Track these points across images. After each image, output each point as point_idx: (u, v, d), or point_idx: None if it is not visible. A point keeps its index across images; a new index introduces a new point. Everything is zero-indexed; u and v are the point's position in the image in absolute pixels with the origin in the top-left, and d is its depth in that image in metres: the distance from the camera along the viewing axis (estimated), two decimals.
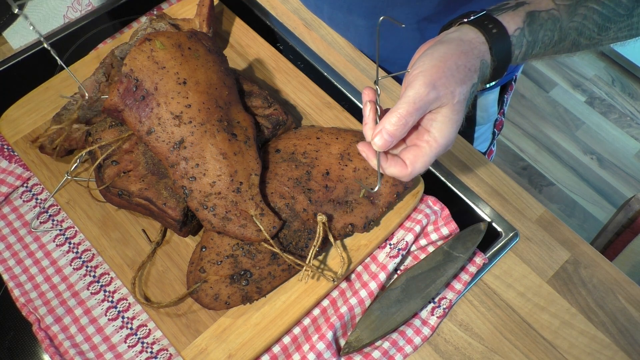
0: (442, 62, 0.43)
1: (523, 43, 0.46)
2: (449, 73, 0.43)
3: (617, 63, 1.88)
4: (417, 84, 0.42)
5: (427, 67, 0.43)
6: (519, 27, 0.46)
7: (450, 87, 0.43)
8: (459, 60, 0.44)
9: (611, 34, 0.49)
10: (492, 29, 0.45)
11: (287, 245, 0.53)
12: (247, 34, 0.72)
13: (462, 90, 0.44)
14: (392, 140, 0.43)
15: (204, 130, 0.52)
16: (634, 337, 0.55)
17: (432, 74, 0.43)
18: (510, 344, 0.54)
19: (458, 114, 0.44)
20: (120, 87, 0.51)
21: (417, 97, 0.42)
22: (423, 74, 0.43)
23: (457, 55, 0.44)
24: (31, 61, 0.73)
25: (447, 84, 0.43)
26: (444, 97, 0.43)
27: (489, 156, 0.92)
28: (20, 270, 0.57)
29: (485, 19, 0.46)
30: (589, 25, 0.48)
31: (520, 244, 0.60)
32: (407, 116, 0.42)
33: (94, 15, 0.78)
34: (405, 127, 0.43)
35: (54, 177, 0.60)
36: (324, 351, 0.52)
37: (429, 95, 0.42)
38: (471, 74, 0.44)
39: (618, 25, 0.49)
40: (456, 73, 0.43)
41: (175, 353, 0.53)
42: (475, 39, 0.45)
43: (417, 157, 0.45)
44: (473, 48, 0.45)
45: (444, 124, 0.44)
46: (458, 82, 0.43)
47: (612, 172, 1.69)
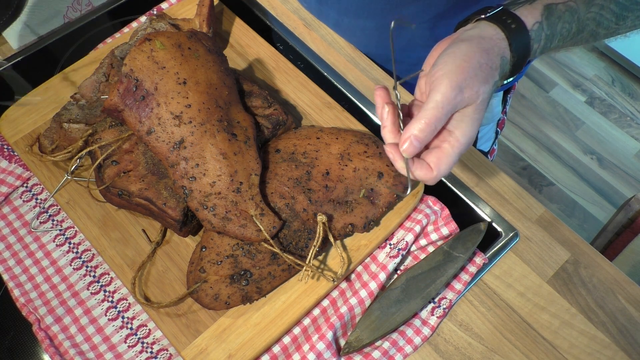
0: (465, 62, 0.42)
1: (542, 37, 0.46)
2: (472, 73, 0.42)
3: (617, 63, 1.88)
4: (444, 87, 0.42)
5: (451, 67, 0.42)
6: (537, 21, 0.45)
7: (475, 87, 0.42)
8: (482, 59, 0.43)
9: (629, 23, 0.49)
10: (510, 24, 0.44)
11: (287, 245, 0.53)
12: (247, 34, 0.72)
13: (486, 89, 0.43)
14: (421, 146, 0.43)
15: (204, 130, 0.52)
16: (634, 337, 0.55)
17: (458, 75, 0.42)
18: (510, 344, 0.54)
19: (480, 112, 0.44)
20: (120, 87, 0.51)
21: (445, 100, 0.41)
22: (448, 76, 0.42)
23: (479, 54, 0.43)
24: (31, 61, 0.73)
25: (472, 84, 0.42)
26: (469, 98, 0.42)
27: (491, 155, 0.93)
28: (20, 270, 0.57)
29: (503, 14, 0.45)
30: (606, 15, 0.47)
31: (520, 244, 0.60)
32: (435, 122, 0.42)
33: (94, 15, 0.78)
34: (434, 132, 0.42)
35: (54, 177, 0.60)
36: (324, 351, 0.52)
37: (456, 99, 0.42)
38: (493, 72, 0.44)
39: (636, 13, 0.48)
40: (479, 72, 0.42)
41: (175, 353, 0.53)
42: (495, 35, 0.44)
43: (440, 159, 0.44)
44: (494, 45, 0.44)
45: (467, 124, 0.43)
46: (482, 81, 0.43)
47: (612, 172, 1.69)
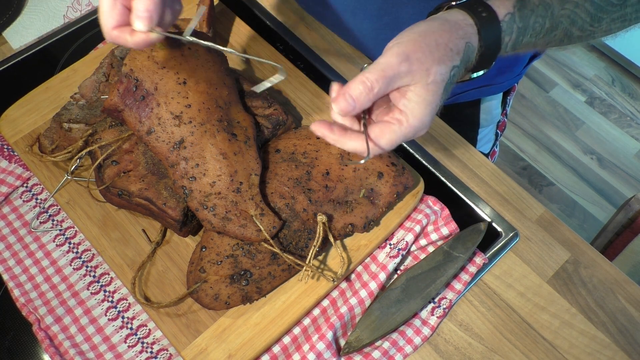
0: (420, 37, 0.41)
1: (513, 29, 0.45)
2: (426, 49, 0.40)
3: (617, 63, 1.88)
4: (389, 53, 0.40)
5: (404, 40, 0.41)
6: (509, 12, 0.44)
7: (426, 64, 0.40)
8: (440, 39, 0.41)
9: (604, 25, 0.48)
10: (481, 12, 0.43)
11: (287, 245, 0.53)
12: (247, 34, 0.72)
13: (439, 69, 0.41)
14: (355, 105, 0.40)
15: (204, 130, 0.52)
16: (634, 337, 0.55)
17: (408, 46, 0.40)
18: (510, 344, 0.54)
19: (433, 95, 0.41)
20: (120, 87, 0.51)
21: (387, 65, 0.40)
22: (398, 45, 0.41)
23: (438, 33, 0.41)
24: (31, 61, 0.73)
25: (422, 59, 0.40)
26: (417, 74, 0.40)
27: (492, 157, 0.92)
28: (20, 270, 0.57)
29: (475, 2, 0.44)
30: (581, 14, 0.47)
31: (520, 244, 0.60)
32: (373, 82, 0.39)
33: (94, 15, 0.78)
34: (370, 93, 0.40)
35: (54, 177, 0.60)
36: (324, 351, 0.52)
37: (401, 67, 0.40)
38: (452, 55, 0.42)
39: (611, 15, 0.48)
40: (435, 50, 0.41)
41: (175, 353, 0.53)
42: (462, 20, 0.43)
43: (383, 132, 0.41)
44: (458, 28, 0.42)
45: (417, 104, 0.41)
46: (435, 60, 0.41)
47: (612, 172, 1.69)
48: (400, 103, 0.42)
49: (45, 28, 0.77)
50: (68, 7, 0.78)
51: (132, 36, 0.42)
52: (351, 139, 0.42)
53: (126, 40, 0.43)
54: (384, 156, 0.57)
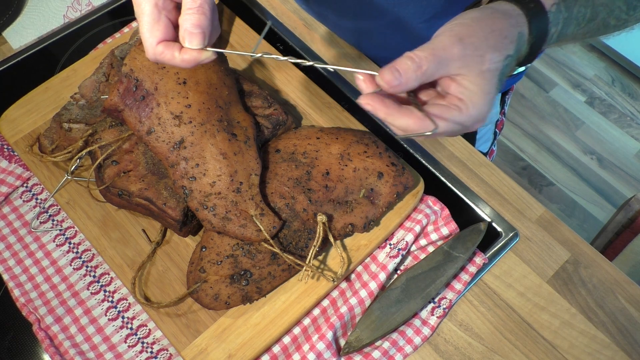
0: (474, 22, 0.38)
1: (559, 19, 0.42)
2: (481, 34, 0.37)
3: (617, 63, 1.88)
4: (442, 36, 0.37)
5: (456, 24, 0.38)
6: (555, 2, 0.42)
7: (480, 49, 0.37)
8: (494, 25, 0.38)
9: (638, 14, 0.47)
10: (528, 2, 0.41)
11: (287, 245, 0.53)
12: (247, 34, 0.72)
13: (494, 57, 0.38)
14: (401, 79, 0.36)
15: (204, 130, 0.52)
16: (634, 337, 0.55)
17: (461, 30, 0.37)
18: (510, 344, 0.54)
19: (489, 84, 0.38)
20: (120, 87, 0.51)
21: (439, 45, 0.37)
22: (450, 29, 0.38)
23: (492, 20, 0.38)
24: (31, 61, 0.73)
25: (477, 44, 0.37)
26: (471, 59, 0.37)
27: (490, 156, 0.92)
28: (20, 270, 0.57)
29: None
30: (618, 3, 0.45)
31: (520, 244, 0.60)
32: (422, 59, 0.36)
33: (94, 15, 0.78)
34: (418, 70, 0.36)
35: (54, 177, 0.60)
36: (324, 351, 0.52)
37: (453, 49, 0.36)
38: (507, 43, 0.39)
39: None
40: (490, 37, 0.38)
41: (175, 353, 0.53)
42: (512, 10, 0.40)
43: (442, 114, 0.37)
44: (510, 17, 0.40)
45: (475, 93, 0.38)
46: (490, 46, 0.38)
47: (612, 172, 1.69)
48: (455, 90, 0.38)
49: (45, 28, 0.77)
50: (68, 7, 0.78)
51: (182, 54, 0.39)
52: (405, 115, 0.37)
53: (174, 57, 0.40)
54: (384, 156, 0.57)
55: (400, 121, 0.37)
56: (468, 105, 0.38)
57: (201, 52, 0.39)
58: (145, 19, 0.39)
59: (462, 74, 0.38)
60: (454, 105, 0.38)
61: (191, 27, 0.39)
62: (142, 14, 0.40)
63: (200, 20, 0.39)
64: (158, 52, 0.40)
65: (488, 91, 0.38)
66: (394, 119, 0.38)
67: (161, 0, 0.40)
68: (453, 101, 0.38)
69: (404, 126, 0.38)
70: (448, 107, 0.38)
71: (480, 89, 0.38)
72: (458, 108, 0.38)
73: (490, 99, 0.39)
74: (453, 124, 0.38)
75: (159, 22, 0.40)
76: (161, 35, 0.40)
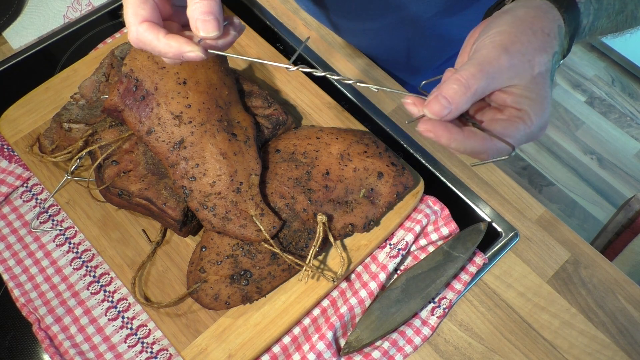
0: (512, 28, 0.36)
1: (590, 11, 0.40)
2: (524, 39, 0.35)
3: (617, 63, 1.88)
4: (484, 49, 0.35)
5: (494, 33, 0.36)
6: None
7: (528, 54, 0.35)
8: (534, 25, 0.36)
9: None
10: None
11: (287, 245, 0.53)
12: (247, 34, 0.72)
13: (543, 59, 0.36)
14: (450, 107, 0.34)
15: (204, 130, 0.52)
16: (634, 337, 0.55)
17: (503, 38, 0.35)
18: (510, 344, 0.54)
19: (544, 87, 0.36)
20: (120, 87, 0.51)
21: (485, 59, 0.34)
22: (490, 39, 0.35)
23: (529, 21, 0.36)
24: (31, 61, 0.73)
25: (523, 50, 0.35)
26: (521, 67, 0.35)
27: None
28: (20, 270, 0.57)
29: None
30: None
31: (520, 244, 0.60)
32: (470, 79, 0.34)
33: (94, 15, 0.78)
34: (468, 92, 0.34)
35: (54, 177, 0.60)
36: (324, 351, 0.52)
37: (501, 60, 0.34)
38: (551, 40, 0.36)
39: None
40: (533, 39, 0.36)
41: (175, 353, 0.53)
42: (544, 4, 0.38)
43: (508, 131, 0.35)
44: (546, 12, 0.37)
45: (534, 101, 0.36)
46: (537, 49, 0.36)
47: (612, 172, 1.69)
48: (512, 102, 0.36)
49: (45, 28, 0.77)
50: (68, 7, 0.78)
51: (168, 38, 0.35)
52: (469, 138, 0.35)
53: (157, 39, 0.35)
54: (384, 156, 0.57)
55: (466, 145, 0.35)
56: (530, 114, 0.36)
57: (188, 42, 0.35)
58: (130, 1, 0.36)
59: (514, 84, 0.36)
60: (515, 117, 0.36)
61: (202, 14, 0.35)
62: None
63: (210, 7, 0.35)
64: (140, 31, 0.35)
65: (545, 95, 0.36)
66: (459, 144, 0.35)
67: None
68: (513, 113, 0.36)
69: (470, 149, 0.36)
70: (511, 122, 0.36)
71: (537, 95, 0.36)
72: (522, 120, 0.36)
73: (549, 102, 0.37)
74: (520, 137, 0.36)
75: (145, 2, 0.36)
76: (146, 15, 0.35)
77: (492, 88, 0.35)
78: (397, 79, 0.75)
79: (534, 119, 0.36)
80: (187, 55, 0.36)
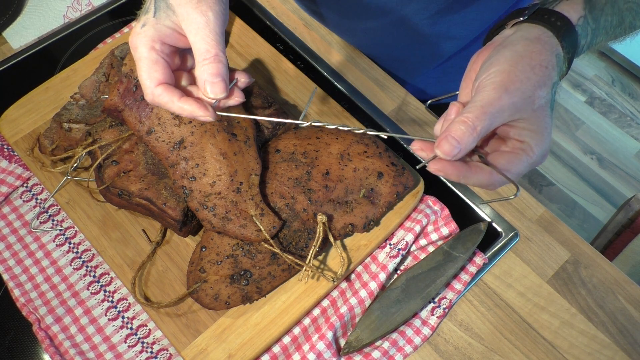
0: (512, 66, 0.38)
1: (588, 32, 0.42)
2: (523, 77, 0.38)
3: (617, 63, 1.88)
4: (485, 90, 0.37)
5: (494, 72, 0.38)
6: (581, 15, 0.41)
7: (527, 92, 0.37)
8: (532, 61, 0.38)
9: None
10: (555, 22, 0.40)
11: (287, 245, 0.53)
12: (247, 34, 0.72)
13: (542, 93, 0.38)
14: (459, 146, 0.36)
15: (203, 130, 0.52)
16: (634, 337, 0.55)
17: (503, 78, 0.37)
18: (510, 344, 0.54)
19: (544, 120, 0.39)
20: (120, 87, 0.51)
21: (486, 101, 0.37)
22: (490, 79, 0.38)
23: (528, 57, 0.38)
24: (31, 61, 0.73)
25: (522, 89, 0.37)
26: (521, 104, 0.37)
27: None
28: (20, 270, 0.57)
29: (544, 12, 0.41)
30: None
31: (520, 244, 0.60)
32: (475, 120, 0.36)
33: (94, 15, 0.78)
34: (474, 132, 0.36)
35: (54, 177, 0.60)
36: (324, 351, 0.52)
37: (502, 100, 0.37)
38: (549, 73, 0.39)
39: None
40: (532, 75, 0.38)
41: (175, 353, 0.53)
42: (542, 35, 0.40)
43: (511, 163, 0.39)
44: (544, 44, 0.39)
45: (535, 132, 0.38)
46: (535, 85, 0.38)
47: (612, 172, 1.69)
48: (515, 134, 0.39)
49: (45, 28, 0.77)
50: (68, 7, 0.78)
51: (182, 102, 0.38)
52: (476, 173, 0.39)
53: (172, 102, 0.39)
54: (384, 156, 0.57)
55: (474, 179, 0.39)
56: (532, 145, 0.39)
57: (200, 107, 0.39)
58: (143, 62, 0.39)
59: (516, 119, 0.38)
60: (518, 149, 0.39)
61: (210, 76, 0.38)
62: (140, 57, 0.39)
63: (218, 69, 0.38)
64: (157, 94, 0.39)
65: (545, 126, 0.39)
66: (468, 179, 0.38)
67: (158, 44, 0.39)
68: (516, 145, 0.39)
69: (478, 183, 0.39)
70: (514, 154, 0.39)
71: (538, 127, 0.39)
72: (524, 151, 0.39)
73: (550, 131, 0.39)
74: (524, 168, 0.39)
75: (156, 63, 0.39)
76: (160, 77, 0.39)
77: (495, 125, 0.37)
78: (397, 78, 0.76)
79: (535, 150, 0.39)
80: (199, 118, 0.39)
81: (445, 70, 0.76)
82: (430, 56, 0.74)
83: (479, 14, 0.66)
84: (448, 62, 0.75)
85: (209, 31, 0.38)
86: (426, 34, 0.69)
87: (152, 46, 0.39)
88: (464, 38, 0.70)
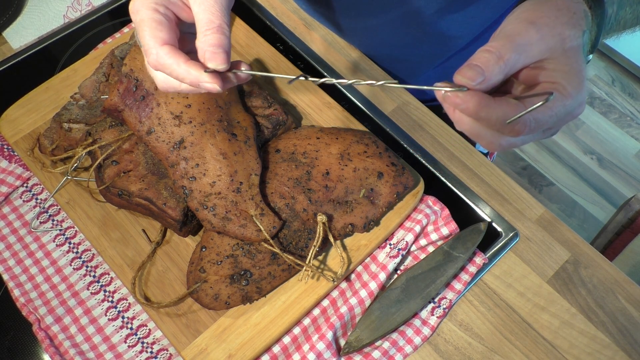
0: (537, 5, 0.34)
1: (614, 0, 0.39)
2: (550, 14, 0.34)
3: (617, 63, 1.88)
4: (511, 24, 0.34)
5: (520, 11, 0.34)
6: None
7: (556, 28, 0.34)
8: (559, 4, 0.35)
9: None
10: None
11: (287, 245, 0.53)
12: (247, 34, 0.72)
13: (573, 33, 0.34)
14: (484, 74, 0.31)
15: (204, 130, 0.52)
16: (634, 337, 0.55)
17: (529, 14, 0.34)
18: (510, 344, 0.54)
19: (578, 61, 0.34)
20: (120, 87, 0.51)
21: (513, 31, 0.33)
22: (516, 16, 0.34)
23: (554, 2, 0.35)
24: (31, 61, 0.73)
25: (550, 24, 0.34)
26: (551, 40, 0.33)
27: (490, 156, 0.92)
28: (20, 270, 0.57)
29: None
30: None
31: (520, 244, 0.60)
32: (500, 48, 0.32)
33: (94, 15, 0.78)
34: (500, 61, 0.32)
35: (54, 177, 0.60)
36: (324, 351, 0.52)
37: (529, 32, 0.33)
38: (578, 19, 0.35)
39: None
40: (560, 15, 0.34)
41: (175, 353, 0.53)
42: None
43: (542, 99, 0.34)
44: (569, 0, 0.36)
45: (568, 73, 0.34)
46: (565, 23, 0.34)
47: (612, 172, 1.69)
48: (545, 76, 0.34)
49: (45, 28, 0.77)
50: (68, 7, 0.78)
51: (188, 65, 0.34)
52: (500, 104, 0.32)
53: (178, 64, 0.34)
54: (384, 156, 0.57)
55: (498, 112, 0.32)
56: (566, 86, 0.33)
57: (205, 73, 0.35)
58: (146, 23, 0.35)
59: (546, 57, 0.34)
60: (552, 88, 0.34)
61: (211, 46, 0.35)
62: (142, 19, 0.35)
63: (221, 40, 0.35)
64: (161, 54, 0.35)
65: (579, 69, 0.34)
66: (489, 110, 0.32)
67: (162, 7, 0.36)
68: (548, 88, 0.34)
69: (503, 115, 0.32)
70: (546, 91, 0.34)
71: (571, 68, 0.34)
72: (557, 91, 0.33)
73: (585, 78, 0.35)
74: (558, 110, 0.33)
75: (161, 24, 0.35)
76: (165, 37, 0.35)
77: (523, 61, 0.33)
78: (397, 78, 0.75)
79: (570, 91, 0.33)
80: (203, 85, 0.35)
81: (445, 70, 0.76)
82: (430, 56, 0.74)
83: (480, 13, 0.66)
84: (448, 62, 0.75)
85: (214, 1, 0.35)
86: (428, 32, 0.69)
87: (156, 8, 0.36)
88: (464, 37, 0.70)
